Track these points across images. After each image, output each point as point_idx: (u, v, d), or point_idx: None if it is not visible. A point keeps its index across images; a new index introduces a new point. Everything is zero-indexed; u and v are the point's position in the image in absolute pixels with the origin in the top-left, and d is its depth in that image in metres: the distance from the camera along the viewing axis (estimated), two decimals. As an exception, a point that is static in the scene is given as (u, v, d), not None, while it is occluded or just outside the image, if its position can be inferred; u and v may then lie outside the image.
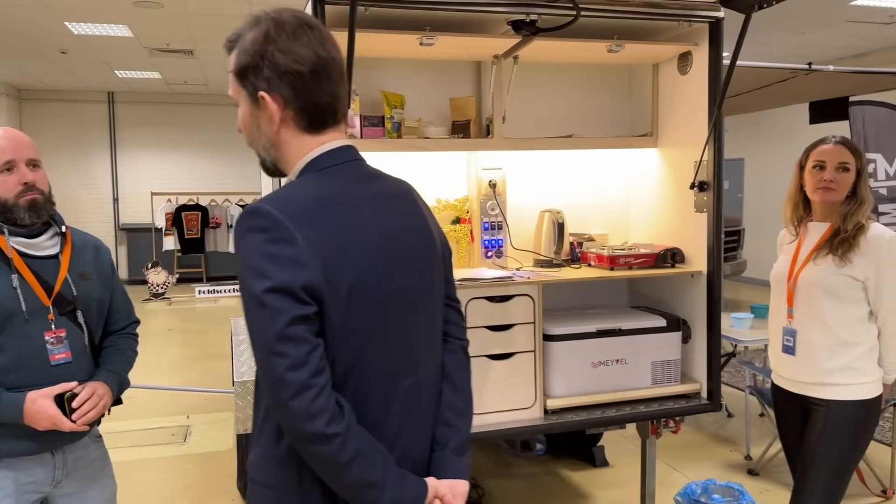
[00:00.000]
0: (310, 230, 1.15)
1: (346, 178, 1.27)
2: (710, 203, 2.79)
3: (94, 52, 9.11)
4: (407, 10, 2.43)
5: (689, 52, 2.87)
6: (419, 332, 1.34)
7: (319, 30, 1.26)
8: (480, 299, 2.60)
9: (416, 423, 1.34)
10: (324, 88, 1.25)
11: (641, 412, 2.80)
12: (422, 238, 1.36)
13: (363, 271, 1.20)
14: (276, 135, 1.27)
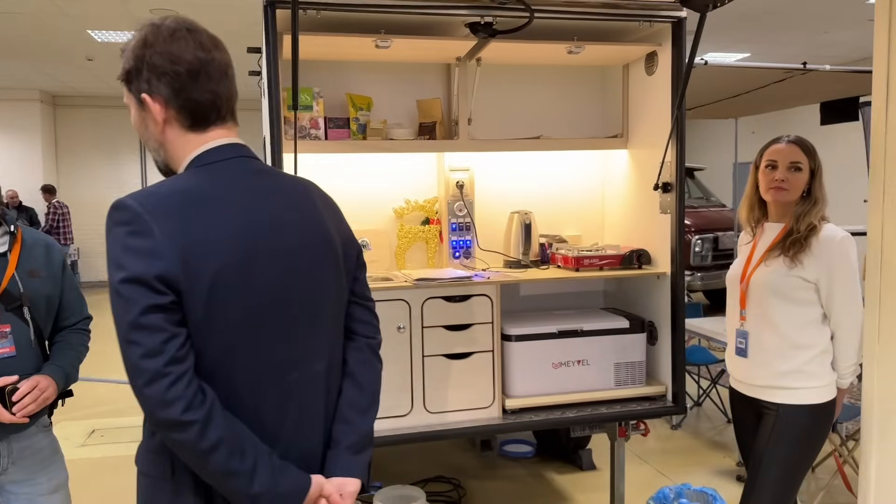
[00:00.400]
0: (169, 223, 1.18)
1: (224, 174, 1.30)
2: (673, 204, 2.77)
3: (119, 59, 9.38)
4: (362, 14, 2.48)
5: (655, 53, 2.86)
6: (304, 328, 1.34)
7: (198, 32, 1.31)
8: (437, 299, 2.63)
9: (304, 419, 1.35)
10: (203, 87, 1.29)
11: (603, 413, 2.79)
12: (309, 235, 1.36)
13: (227, 265, 1.22)
14: (162, 135, 1.32)
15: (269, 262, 1.28)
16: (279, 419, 1.31)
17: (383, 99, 3.01)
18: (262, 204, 1.31)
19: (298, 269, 1.33)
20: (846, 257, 2.20)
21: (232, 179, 1.30)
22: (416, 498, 3.03)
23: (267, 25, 2.35)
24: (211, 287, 1.20)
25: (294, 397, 1.33)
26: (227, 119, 1.35)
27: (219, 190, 1.27)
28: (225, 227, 1.24)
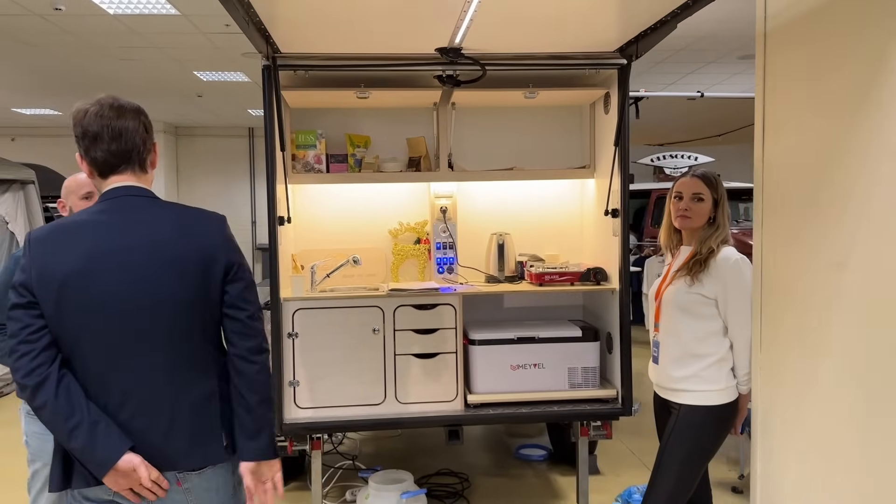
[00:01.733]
0: (39, 247, 1.72)
1: (104, 207, 1.77)
2: (619, 228, 3.12)
3: (225, 95, 10.53)
4: (343, 72, 3.04)
5: (609, 94, 3.23)
6: (143, 327, 1.73)
7: (86, 113, 1.77)
8: (407, 307, 3.12)
9: (144, 403, 1.75)
10: (98, 148, 1.77)
11: (555, 412, 3.17)
12: (158, 255, 1.74)
13: (71, 275, 1.68)
14: (90, 177, 1.85)
15: (111, 275, 1.71)
16: (119, 399, 1.73)
17: (380, 137, 3.55)
18: (117, 231, 1.75)
19: (139, 281, 1.72)
20: (740, 276, 2.49)
21: (100, 214, 1.77)
22: (404, 479, 3.51)
23: (264, 83, 2.95)
24: (58, 292, 1.68)
25: (135, 385, 1.74)
26: (123, 169, 1.80)
27: (81, 222, 1.76)
28: (76, 249, 1.71)
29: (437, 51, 2.87)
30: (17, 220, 7.22)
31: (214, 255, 1.79)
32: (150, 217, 1.79)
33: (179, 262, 1.76)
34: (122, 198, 1.80)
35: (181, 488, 1.80)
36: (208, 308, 1.79)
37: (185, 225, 1.82)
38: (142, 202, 1.81)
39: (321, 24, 2.54)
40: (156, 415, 1.77)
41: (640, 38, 2.79)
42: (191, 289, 1.76)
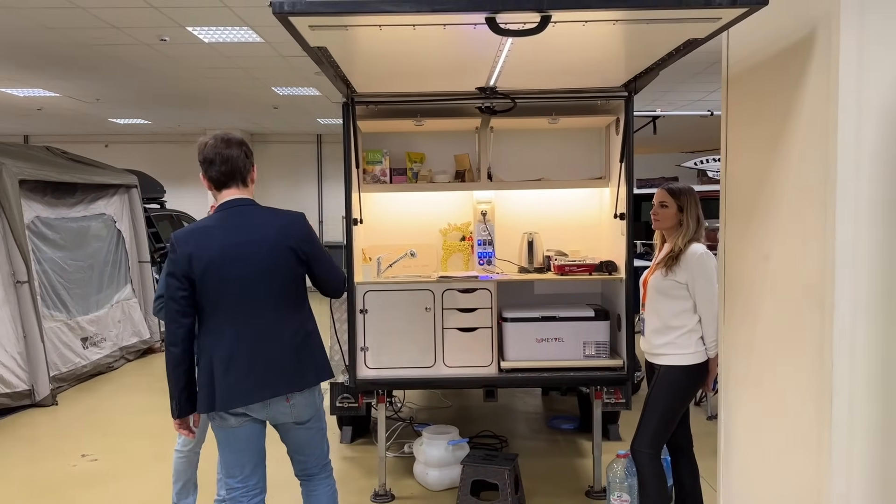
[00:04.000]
0: (182, 244, 2.59)
1: (224, 214, 2.66)
2: (625, 229, 3.85)
3: (297, 106, 11.58)
4: (402, 106, 3.86)
5: (618, 119, 3.97)
6: (259, 295, 2.62)
7: (207, 145, 2.66)
8: (453, 290, 3.92)
9: (266, 346, 2.63)
10: (213, 170, 2.66)
11: (571, 376, 3.92)
12: (259, 245, 2.61)
13: (210, 263, 2.56)
14: (210, 189, 2.74)
15: (235, 261, 2.59)
16: (250, 346, 2.62)
17: (432, 154, 4.38)
18: (235, 230, 2.62)
19: (252, 264, 2.60)
20: (703, 266, 3.21)
21: (225, 218, 2.66)
22: (450, 432, 4.33)
23: (345, 116, 3.81)
24: (203, 273, 2.57)
25: (258, 335, 2.62)
26: (232, 185, 2.67)
27: (214, 223, 2.66)
28: (212, 242, 2.60)
29: (477, 89, 3.66)
30: (123, 220, 8.37)
31: (300, 243, 2.70)
32: (257, 219, 2.68)
33: (279, 250, 2.64)
34: (235, 207, 2.68)
35: (288, 404, 2.67)
36: (297, 278, 2.71)
37: (280, 224, 2.70)
38: (248, 209, 2.70)
39: (387, 74, 3.37)
40: (275, 354, 2.66)
41: (638, 78, 3.51)
42: (286, 266, 2.66)
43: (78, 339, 7.07)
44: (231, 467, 2.70)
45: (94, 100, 10.75)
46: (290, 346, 2.66)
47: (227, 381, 2.59)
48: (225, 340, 2.60)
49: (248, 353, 2.60)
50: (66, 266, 7.13)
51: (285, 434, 2.80)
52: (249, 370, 2.60)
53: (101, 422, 5.83)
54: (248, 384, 2.60)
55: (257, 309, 2.62)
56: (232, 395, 2.60)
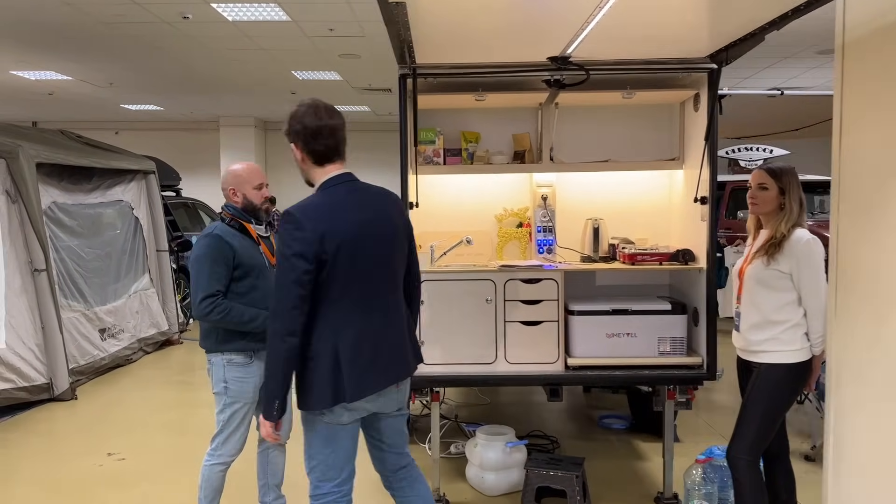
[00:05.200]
0: (310, 222, 2.30)
1: (339, 191, 2.42)
2: (707, 214, 3.52)
3: (316, 92, 11.22)
4: (463, 78, 3.53)
5: (699, 94, 3.63)
6: (381, 277, 2.45)
7: (307, 114, 2.40)
8: (516, 280, 3.60)
9: (388, 331, 2.49)
10: (319, 142, 2.39)
11: (646, 375, 3.60)
12: (386, 224, 2.47)
13: (343, 239, 2.33)
14: (303, 164, 2.46)
15: (364, 239, 2.39)
16: (382, 322, 2.47)
17: (488, 133, 4.04)
18: (359, 206, 2.42)
19: (379, 242, 2.43)
20: (810, 254, 2.88)
21: (342, 194, 2.41)
22: (506, 433, 4.01)
23: (401, 89, 3.48)
24: (336, 252, 2.32)
25: (379, 312, 2.46)
26: (336, 159, 2.44)
27: (336, 199, 2.39)
28: (341, 220, 2.35)
29: (549, 59, 3.33)
30: (140, 207, 8.05)
31: (409, 227, 2.62)
32: (374, 197, 2.49)
33: (397, 232, 2.50)
34: (348, 183, 2.44)
35: (397, 389, 2.53)
36: (406, 259, 2.59)
37: (394, 202, 2.57)
38: (362, 185, 2.48)
39: (456, 40, 3.04)
40: (396, 339, 2.50)
41: (731, 47, 3.17)
42: (403, 252, 2.55)
43: (96, 330, 6.77)
44: (330, 469, 2.45)
45: (107, 84, 10.44)
46: (406, 330, 2.55)
47: (355, 369, 2.35)
48: (352, 327, 2.37)
49: (374, 338, 2.43)
50: (84, 254, 6.82)
51: (380, 424, 2.59)
52: (376, 356, 2.42)
53: (123, 418, 5.54)
54: (378, 370, 2.42)
55: (381, 291, 2.46)
56: (362, 384, 2.37)
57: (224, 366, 3.09)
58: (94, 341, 6.67)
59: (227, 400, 3.10)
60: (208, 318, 2.99)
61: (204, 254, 3.01)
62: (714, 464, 3.54)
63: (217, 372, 3.10)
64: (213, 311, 2.96)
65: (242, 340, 3.10)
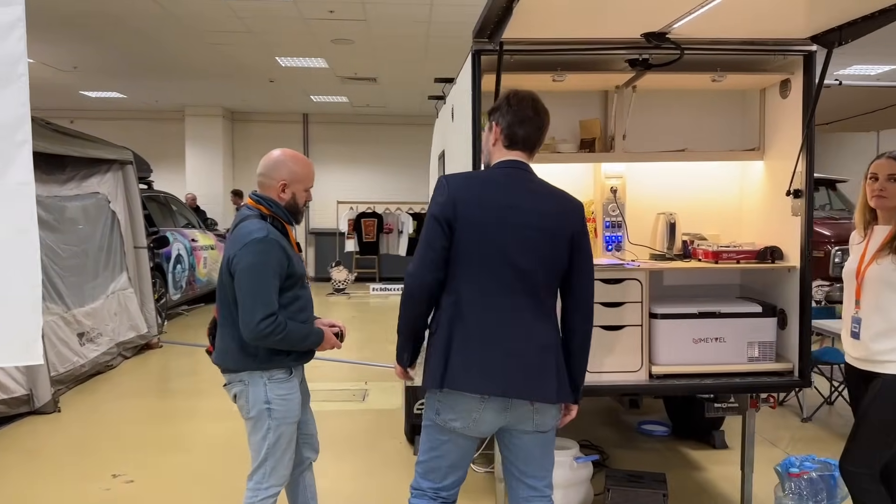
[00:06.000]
0: (457, 188, 2.24)
1: (500, 172, 2.32)
2: (803, 208, 3.25)
3: (295, 81, 10.69)
4: (542, 56, 3.18)
5: (788, 80, 3.36)
6: (517, 271, 2.22)
7: (525, 100, 2.33)
8: (596, 280, 3.25)
9: (511, 331, 2.24)
10: (522, 130, 2.31)
11: (736, 383, 3.32)
12: (533, 218, 2.24)
13: (474, 213, 2.21)
14: (493, 145, 2.37)
15: (501, 227, 2.20)
16: (492, 319, 2.22)
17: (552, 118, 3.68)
18: (511, 193, 2.26)
19: (516, 237, 2.21)
20: None
21: (499, 177, 2.31)
22: (570, 447, 3.68)
23: (474, 67, 3.10)
24: (462, 225, 2.20)
25: (500, 311, 2.22)
26: (524, 149, 2.34)
27: (488, 180, 2.27)
28: (481, 198, 2.23)
29: (644, 35, 3.00)
30: (118, 200, 7.44)
31: (579, 237, 2.31)
32: (538, 189, 2.34)
33: (552, 234, 2.25)
34: (516, 169, 2.32)
35: (533, 408, 2.26)
36: (558, 275, 2.30)
37: (561, 204, 2.34)
38: (530, 176, 2.35)
39: (556, 10, 2.68)
40: (519, 345, 2.21)
41: (846, 27, 2.90)
42: (553, 254, 2.27)
43: (74, 334, 6.16)
44: (431, 471, 2.37)
45: (71, 67, 9.69)
46: (535, 344, 2.25)
47: (461, 356, 2.21)
48: (472, 312, 2.22)
49: (488, 335, 2.22)
50: (60, 251, 6.19)
51: (511, 441, 2.36)
52: (484, 355, 2.21)
53: (116, 432, 4.99)
54: (484, 372, 2.21)
55: (512, 287, 2.23)
56: (465, 376, 2.20)
57: (265, 384, 2.64)
58: (73, 347, 6.07)
59: (272, 423, 2.65)
60: (267, 340, 2.54)
61: (262, 262, 2.54)
62: (810, 477, 3.28)
63: (256, 393, 2.64)
64: (273, 332, 2.51)
65: (289, 357, 2.68)
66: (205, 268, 10.44)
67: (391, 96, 11.80)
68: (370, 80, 10.43)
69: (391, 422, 5.14)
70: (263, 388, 2.64)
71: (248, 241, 2.55)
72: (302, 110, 14.11)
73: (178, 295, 9.37)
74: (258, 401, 2.64)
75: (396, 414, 5.29)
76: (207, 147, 13.77)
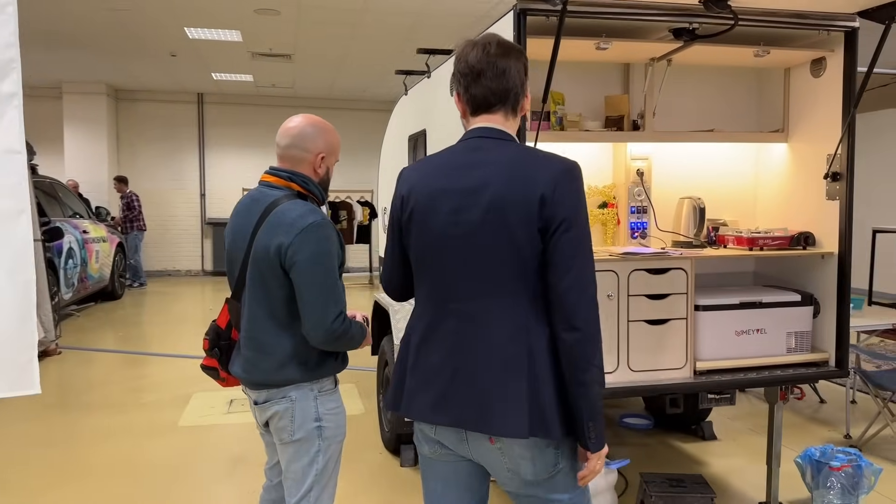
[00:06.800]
0: (406, 179, 1.82)
1: (456, 147, 1.78)
2: (843, 192, 3.12)
3: (200, 56, 9.75)
4: (584, 20, 2.83)
5: (824, 58, 3.21)
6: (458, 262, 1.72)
7: (468, 49, 1.75)
8: (641, 271, 2.99)
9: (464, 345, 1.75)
10: (480, 85, 1.74)
11: (779, 376, 3.15)
12: (477, 195, 1.69)
13: (416, 205, 1.76)
14: (463, 118, 1.82)
15: (437, 212, 1.73)
16: (442, 328, 1.74)
17: (571, 95, 3.36)
18: (451, 171, 1.75)
19: (456, 221, 1.71)
20: None
21: (454, 151, 1.78)
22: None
23: (519, 30, 2.70)
24: (408, 220, 1.78)
25: (452, 318, 1.72)
26: (494, 108, 1.76)
27: (442, 159, 1.78)
28: (426, 182, 1.76)
29: (702, 2, 2.73)
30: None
31: (540, 209, 1.64)
32: (493, 158, 1.72)
33: (503, 208, 1.66)
34: (473, 140, 1.77)
35: (493, 445, 1.73)
36: (526, 257, 1.66)
37: (523, 170, 1.68)
38: (490, 143, 1.74)
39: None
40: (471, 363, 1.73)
41: None
42: (510, 236, 1.66)
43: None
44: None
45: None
46: (496, 359, 1.67)
47: (414, 375, 1.78)
48: (422, 320, 1.80)
49: (436, 348, 1.75)
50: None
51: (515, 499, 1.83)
52: (431, 372, 1.75)
53: (23, 458, 4.19)
54: (431, 394, 1.74)
55: (463, 288, 1.73)
56: (413, 399, 1.78)
57: (316, 398, 2.21)
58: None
59: (323, 444, 2.22)
60: (338, 342, 2.13)
61: (327, 252, 2.10)
62: (848, 472, 3.18)
63: (305, 409, 2.19)
64: (344, 332, 2.14)
65: (338, 361, 2.27)
66: (97, 262, 9.35)
67: (302, 76, 11.07)
68: (284, 57, 9.69)
69: (361, 429, 4.65)
70: (314, 403, 2.21)
71: (305, 227, 2.08)
72: (198, 89, 13.01)
73: (69, 294, 8.30)
74: (307, 419, 2.20)
75: (363, 420, 4.80)
76: (90, 128, 12.39)
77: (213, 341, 2.34)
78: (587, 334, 1.62)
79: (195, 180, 13.55)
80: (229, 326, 2.33)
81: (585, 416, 1.63)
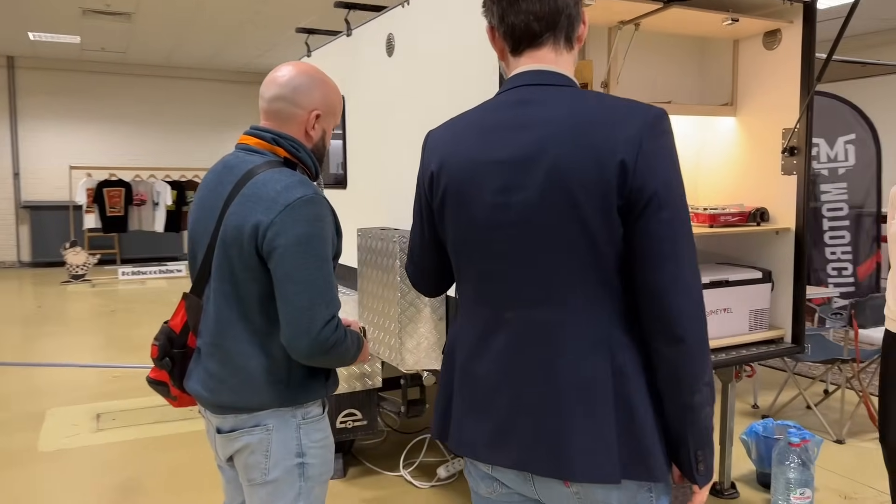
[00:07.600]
0: (433, 150, 1.40)
1: (490, 103, 1.34)
2: (801, 167, 3.10)
3: (17, 10, 8.30)
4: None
5: (778, 30, 3.16)
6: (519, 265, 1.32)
7: None
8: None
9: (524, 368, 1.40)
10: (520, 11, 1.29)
11: (744, 356, 3.08)
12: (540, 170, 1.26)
13: (451, 181, 1.35)
14: (502, 58, 1.38)
15: (481, 192, 1.31)
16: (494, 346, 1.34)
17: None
18: (490, 133, 1.31)
19: (505, 203, 1.29)
20: None
21: (491, 108, 1.33)
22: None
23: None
24: (441, 202, 1.38)
25: (506, 333, 1.32)
26: (532, 44, 1.31)
27: (475, 118, 1.35)
28: (459, 152, 1.34)
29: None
30: None
31: (619, 176, 1.20)
32: (550, 114, 1.26)
33: (572, 181, 1.23)
34: (520, 88, 1.31)
35: (568, 489, 1.32)
36: (605, 244, 1.25)
37: (585, 125, 1.23)
38: (544, 93, 1.29)
39: None
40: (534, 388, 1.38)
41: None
42: (580, 217, 1.24)
43: None
44: None
45: None
46: (571, 382, 1.27)
47: (462, 400, 1.40)
48: (467, 332, 1.40)
49: (495, 368, 1.34)
50: None
51: None
52: (482, 401, 1.36)
53: None
54: (484, 424, 1.35)
55: (514, 294, 1.31)
56: (461, 432, 1.40)
57: (299, 427, 1.74)
58: None
59: (304, 485, 1.75)
60: (327, 356, 1.64)
61: (318, 236, 1.60)
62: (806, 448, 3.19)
63: (284, 442, 1.72)
64: (337, 342, 1.64)
65: (328, 382, 1.81)
66: None
67: (140, 39, 9.84)
68: (123, 16, 8.51)
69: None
70: (296, 434, 1.73)
71: (291, 203, 1.58)
72: (7, 52, 11.21)
73: None
74: (287, 454, 1.72)
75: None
76: None
77: (163, 348, 1.78)
78: (693, 346, 1.23)
79: (6, 157, 11.72)
80: (186, 329, 1.78)
81: (693, 445, 1.28)
